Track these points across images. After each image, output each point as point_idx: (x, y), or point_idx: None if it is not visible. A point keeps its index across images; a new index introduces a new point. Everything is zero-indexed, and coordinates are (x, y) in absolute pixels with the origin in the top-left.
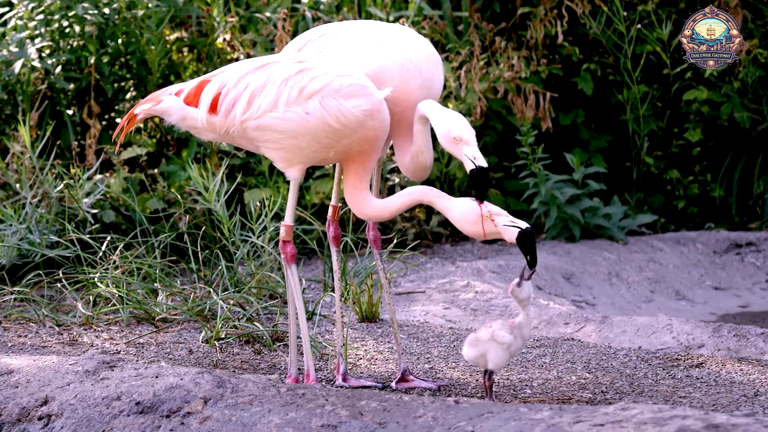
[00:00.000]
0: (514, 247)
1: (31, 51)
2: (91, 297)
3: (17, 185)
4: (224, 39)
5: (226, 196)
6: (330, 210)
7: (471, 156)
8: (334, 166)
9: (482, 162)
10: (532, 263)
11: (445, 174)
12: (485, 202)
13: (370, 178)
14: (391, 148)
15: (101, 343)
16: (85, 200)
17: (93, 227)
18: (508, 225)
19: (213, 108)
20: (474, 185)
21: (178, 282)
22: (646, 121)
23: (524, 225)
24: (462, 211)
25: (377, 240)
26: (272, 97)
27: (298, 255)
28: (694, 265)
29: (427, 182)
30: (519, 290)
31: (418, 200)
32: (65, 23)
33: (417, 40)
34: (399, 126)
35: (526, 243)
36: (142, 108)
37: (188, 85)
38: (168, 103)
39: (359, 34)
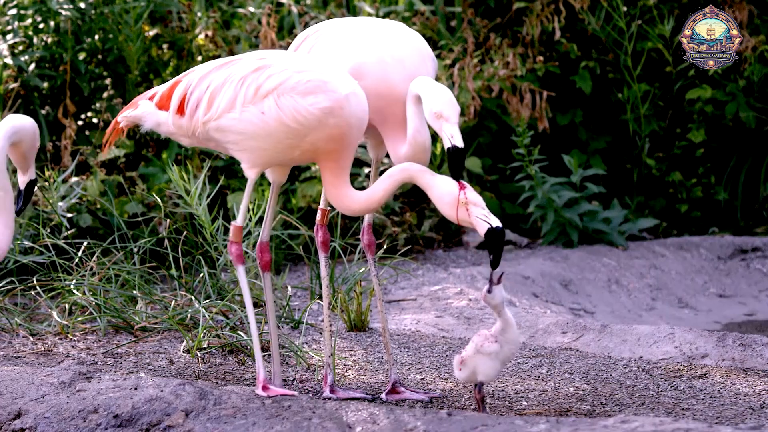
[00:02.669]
0: (509, 253)
1: (3, 47)
2: (66, 305)
3: None
4: (206, 35)
5: (209, 200)
6: (318, 213)
7: (449, 134)
8: None
9: (459, 142)
10: (494, 263)
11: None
12: (467, 188)
13: (348, 174)
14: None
15: (77, 353)
16: (60, 204)
17: (68, 232)
18: (480, 218)
19: (180, 110)
20: (450, 164)
21: (158, 289)
22: (648, 121)
23: (496, 223)
24: (441, 191)
25: (372, 244)
26: (230, 97)
27: (284, 261)
28: (698, 272)
29: None
30: (491, 297)
31: (400, 180)
32: (39, 18)
33: (403, 35)
34: (387, 120)
35: (494, 241)
36: (124, 115)
37: (161, 89)
38: (142, 109)
39: (345, 31)
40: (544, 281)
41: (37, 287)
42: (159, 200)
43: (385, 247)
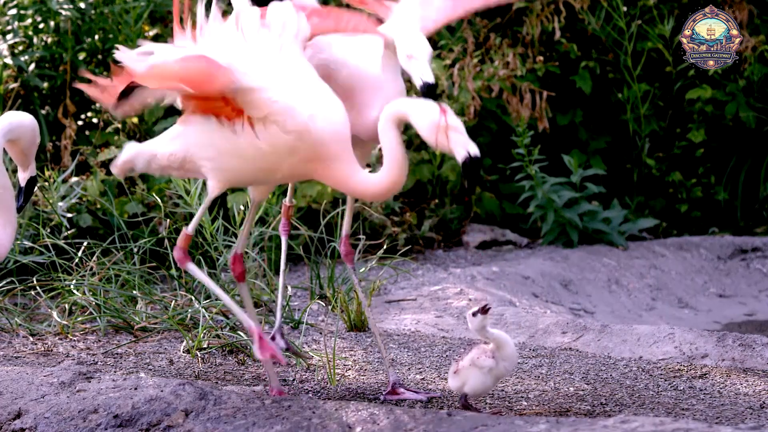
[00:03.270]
0: (510, 253)
1: (3, 47)
2: (66, 305)
3: None
4: None
5: None
6: (282, 208)
7: (419, 72)
8: None
9: (429, 78)
10: (469, 191)
11: (437, 176)
12: (448, 113)
13: (356, 165)
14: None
15: (77, 353)
16: (60, 204)
17: (68, 232)
18: (459, 144)
19: None
20: None
21: (158, 289)
22: (648, 121)
23: (474, 151)
24: (422, 115)
25: (349, 254)
26: None
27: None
28: (698, 272)
29: (419, 184)
30: (469, 320)
31: (395, 124)
32: (39, 18)
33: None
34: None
35: (470, 169)
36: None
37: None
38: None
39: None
40: (544, 281)
41: (37, 287)
42: (159, 200)
43: (385, 247)
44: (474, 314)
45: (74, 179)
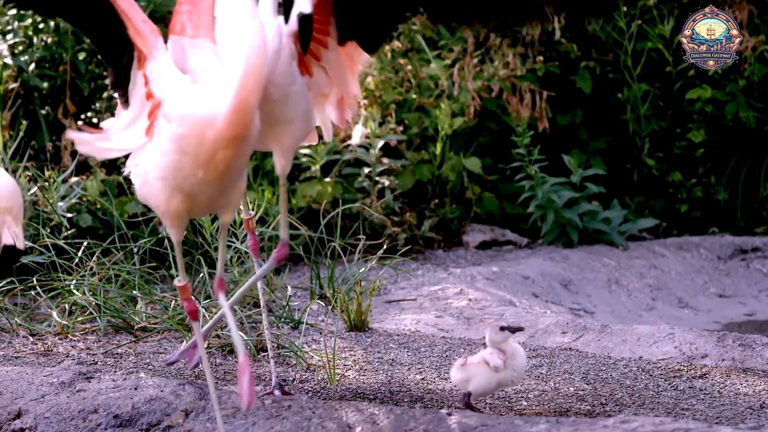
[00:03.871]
0: (510, 253)
1: (3, 47)
2: (66, 305)
3: None
4: None
5: None
6: (243, 223)
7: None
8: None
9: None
10: (303, 46)
11: (437, 176)
12: None
13: None
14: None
15: (77, 353)
16: (60, 204)
17: (69, 232)
18: None
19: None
20: None
21: (158, 289)
22: (647, 121)
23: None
24: None
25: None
26: None
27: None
28: (698, 272)
29: (419, 184)
30: (494, 331)
31: None
32: (39, 18)
33: None
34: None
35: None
36: None
37: None
38: None
39: None
40: (544, 281)
41: (37, 287)
42: None
43: (385, 247)
44: (502, 329)
45: (74, 179)
